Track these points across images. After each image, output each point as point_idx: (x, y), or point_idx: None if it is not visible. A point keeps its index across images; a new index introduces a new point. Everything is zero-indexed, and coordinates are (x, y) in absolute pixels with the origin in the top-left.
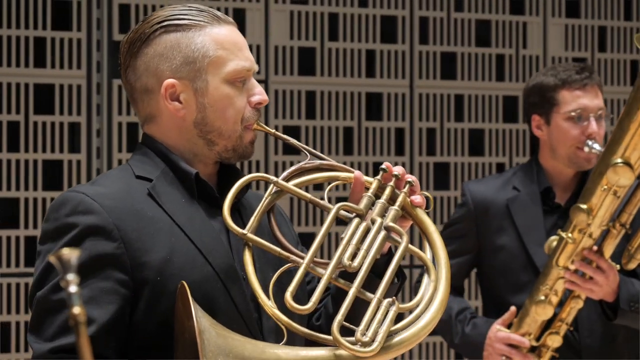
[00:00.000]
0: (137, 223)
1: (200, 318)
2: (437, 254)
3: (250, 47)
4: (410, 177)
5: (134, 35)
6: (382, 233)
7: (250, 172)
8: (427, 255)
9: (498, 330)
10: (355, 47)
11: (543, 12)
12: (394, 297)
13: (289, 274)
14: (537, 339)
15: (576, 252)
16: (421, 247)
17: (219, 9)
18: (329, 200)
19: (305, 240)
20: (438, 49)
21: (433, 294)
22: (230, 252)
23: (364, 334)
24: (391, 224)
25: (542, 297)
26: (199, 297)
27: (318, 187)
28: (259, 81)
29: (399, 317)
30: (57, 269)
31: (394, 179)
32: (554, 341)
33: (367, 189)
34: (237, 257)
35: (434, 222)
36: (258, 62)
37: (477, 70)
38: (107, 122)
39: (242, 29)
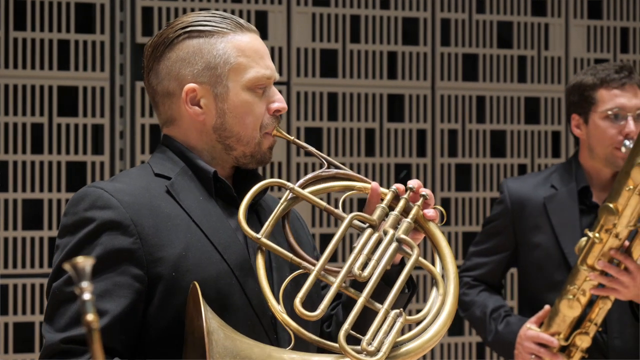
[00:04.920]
0: (154, 219)
1: (209, 319)
2: (447, 268)
3: (272, 49)
4: (424, 191)
5: (157, 39)
6: (394, 244)
7: (272, 173)
8: (437, 269)
9: (528, 328)
10: (377, 48)
11: (565, 13)
12: (401, 309)
13: (305, 277)
14: (567, 338)
15: (603, 252)
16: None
17: (241, 12)
18: (344, 208)
19: (326, 242)
20: (460, 51)
21: (440, 308)
22: (246, 249)
23: (370, 344)
24: (403, 236)
25: (570, 297)
26: (213, 293)
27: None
28: (281, 83)
29: (406, 328)
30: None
31: (408, 192)
32: (583, 341)
33: (382, 200)
34: (254, 255)
35: (456, 222)
36: (280, 64)
37: (499, 71)
38: (130, 124)
39: (264, 31)
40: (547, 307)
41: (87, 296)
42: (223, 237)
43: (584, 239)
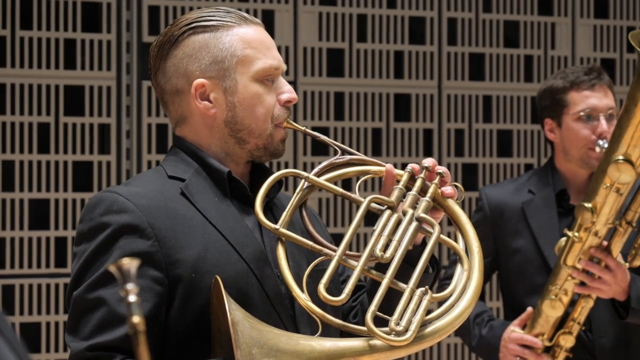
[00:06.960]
0: (170, 221)
1: (233, 310)
2: (470, 243)
3: (279, 48)
4: (440, 169)
5: (163, 38)
6: (414, 224)
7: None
8: (460, 245)
9: (512, 331)
10: (383, 48)
11: (572, 13)
12: (427, 287)
13: (323, 270)
14: (550, 339)
15: (583, 250)
16: (455, 239)
17: (247, 10)
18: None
19: (338, 240)
20: (466, 50)
21: (466, 283)
22: (263, 247)
23: (398, 324)
24: (422, 214)
25: (553, 297)
26: (233, 292)
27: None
28: (288, 82)
29: (433, 307)
30: (93, 269)
31: (424, 171)
32: (567, 341)
33: (398, 181)
34: (271, 254)
35: None
36: (287, 63)
37: (506, 71)
38: (136, 123)
39: (271, 30)
40: (529, 309)
41: (132, 298)
42: (240, 237)
43: (564, 238)
